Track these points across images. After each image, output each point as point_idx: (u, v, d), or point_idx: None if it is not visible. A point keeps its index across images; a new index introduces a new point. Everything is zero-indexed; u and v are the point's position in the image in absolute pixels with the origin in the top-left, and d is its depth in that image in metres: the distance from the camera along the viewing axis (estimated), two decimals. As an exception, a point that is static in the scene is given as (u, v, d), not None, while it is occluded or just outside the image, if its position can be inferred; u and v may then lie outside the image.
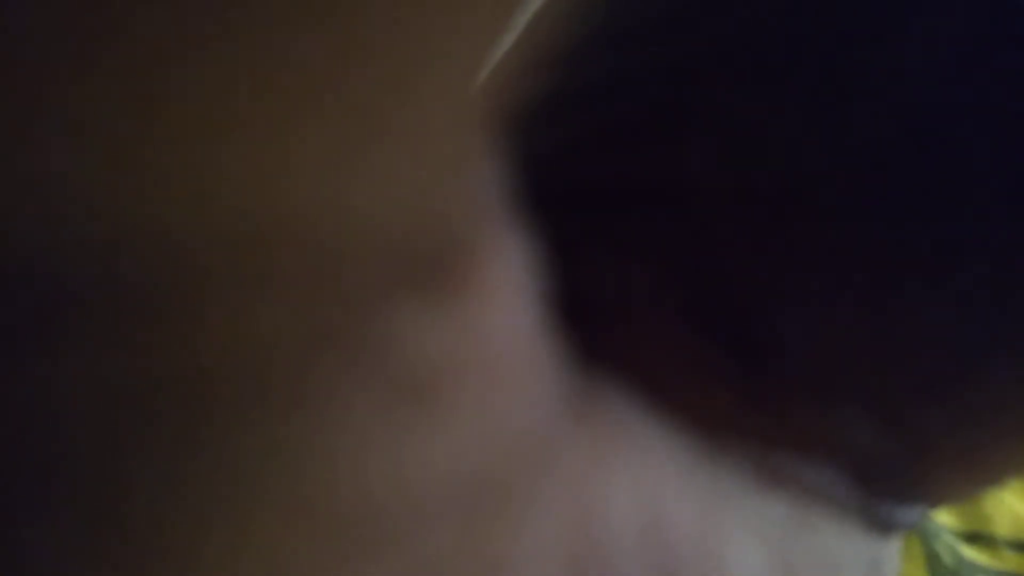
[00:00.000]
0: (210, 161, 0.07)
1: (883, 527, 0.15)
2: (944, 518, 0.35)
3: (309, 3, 0.06)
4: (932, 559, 0.34)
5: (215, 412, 0.08)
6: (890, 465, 0.14)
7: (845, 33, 0.12)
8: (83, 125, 0.07)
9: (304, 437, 0.08)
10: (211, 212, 0.07)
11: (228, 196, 0.07)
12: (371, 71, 0.07)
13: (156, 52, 0.06)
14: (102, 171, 0.07)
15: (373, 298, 0.08)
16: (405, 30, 0.07)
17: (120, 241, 0.07)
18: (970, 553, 0.35)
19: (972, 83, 0.12)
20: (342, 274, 0.08)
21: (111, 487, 0.08)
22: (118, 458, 0.08)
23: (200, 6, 0.06)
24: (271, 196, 0.07)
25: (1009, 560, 0.35)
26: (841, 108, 0.12)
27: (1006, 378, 0.13)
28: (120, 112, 0.07)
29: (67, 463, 0.08)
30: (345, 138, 0.07)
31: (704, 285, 0.13)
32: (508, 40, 0.08)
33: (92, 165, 0.07)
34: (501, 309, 0.10)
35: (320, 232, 0.08)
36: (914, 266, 0.12)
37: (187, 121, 0.07)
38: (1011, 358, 0.13)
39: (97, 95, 0.06)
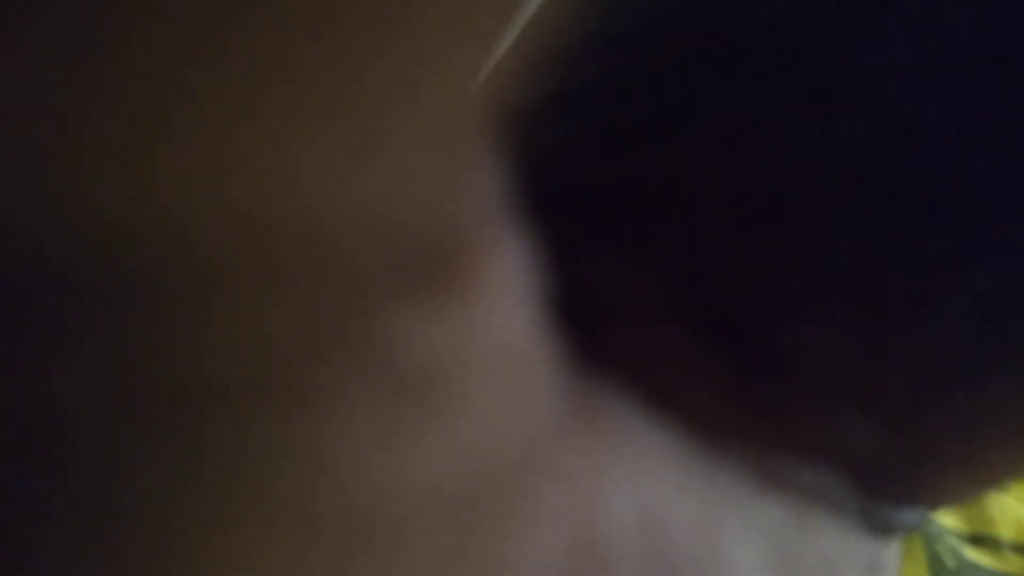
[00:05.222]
0: (218, 162, 0.07)
1: (882, 529, 0.15)
2: (947, 520, 0.35)
3: (315, 8, 0.07)
4: (934, 561, 0.34)
5: (219, 412, 0.08)
6: (889, 468, 0.14)
7: (844, 34, 0.12)
8: (91, 124, 0.07)
9: (308, 437, 0.08)
10: (219, 213, 0.07)
11: (235, 197, 0.07)
12: (375, 74, 0.07)
13: (167, 53, 0.06)
14: (110, 170, 0.07)
15: (376, 299, 0.08)
16: (408, 33, 0.07)
17: (127, 241, 0.07)
18: (973, 555, 0.35)
19: (972, 86, 0.12)
20: (346, 275, 0.08)
21: (115, 487, 0.08)
22: (122, 458, 0.08)
23: (212, 9, 0.06)
24: (277, 197, 0.07)
25: (1012, 562, 0.35)
26: (840, 110, 0.12)
27: (1006, 384, 0.13)
28: (129, 112, 0.07)
29: (70, 463, 0.08)
30: (350, 140, 0.07)
31: (705, 287, 0.13)
32: (508, 41, 0.08)
33: (100, 164, 0.07)
34: (502, 310, 0.10)
35: (325, 233, 0.08)
36: (916, 274, 0.12)
37: (196, 122, 0.07)
38: (1011, 366, 0.13)
39: (107, 95, 0.06)
